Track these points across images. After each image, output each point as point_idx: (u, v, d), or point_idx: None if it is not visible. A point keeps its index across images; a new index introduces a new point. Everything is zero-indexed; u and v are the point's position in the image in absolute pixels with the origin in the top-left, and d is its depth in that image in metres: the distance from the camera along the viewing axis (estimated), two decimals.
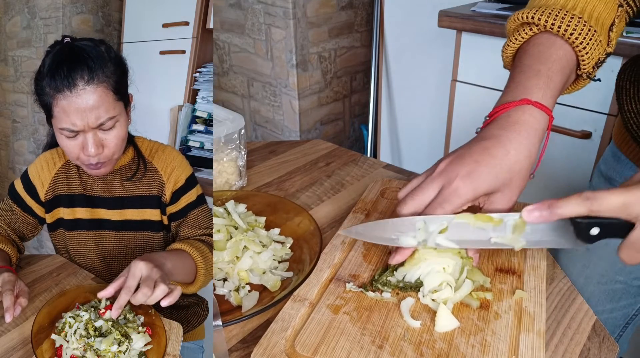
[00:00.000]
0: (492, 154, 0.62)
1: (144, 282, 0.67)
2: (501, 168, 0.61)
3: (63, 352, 0.67)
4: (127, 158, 0.92)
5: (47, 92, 0.79)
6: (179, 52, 2.06)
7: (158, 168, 0.93)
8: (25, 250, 0.95)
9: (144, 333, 0.71)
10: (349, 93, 2.44)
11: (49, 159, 0.94)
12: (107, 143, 0.83)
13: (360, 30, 2.33)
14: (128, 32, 2.27)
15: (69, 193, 0.93)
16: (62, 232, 0.95)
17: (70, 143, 0.82)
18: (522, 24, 0.69)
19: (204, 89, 2.05)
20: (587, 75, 0.69)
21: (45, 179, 0.93)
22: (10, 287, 0.75)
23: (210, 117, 2.01)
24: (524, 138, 0.62)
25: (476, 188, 0.62)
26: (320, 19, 2.16)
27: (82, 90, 0.78)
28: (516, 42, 0.69)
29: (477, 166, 0.62)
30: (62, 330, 0.69)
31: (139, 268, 0.68)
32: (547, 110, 0.64)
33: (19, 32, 2.45)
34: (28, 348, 0.68)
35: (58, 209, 0.94)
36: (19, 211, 0.94)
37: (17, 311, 0.73)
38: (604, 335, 0.63)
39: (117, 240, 0.95)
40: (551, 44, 0.66)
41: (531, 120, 0.63)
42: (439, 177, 0.64)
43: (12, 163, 2.75)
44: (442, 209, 0.62)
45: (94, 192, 0.93)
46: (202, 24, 2.02)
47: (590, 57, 0.66)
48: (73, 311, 0.72)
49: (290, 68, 2.16)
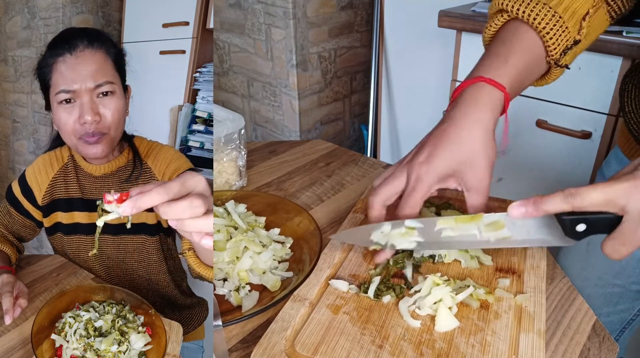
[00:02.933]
0: (447, 135, 0.64)
1: (199, 196, 0.48)
2: (459, 147, 0.64)
3: (63, 352, 0.67)
4: (124, 159, 0.91)
5: (48, 62, 0.81)
6: (179, 52, 2.06)
7: (153, 167, 0.91)
8: (25, 250, 0.95)
9: (144, 333, 0.71)
10: (349, 93, 2.44)
11: (47, 162, 0.92)
12: (105, 113, 0.81)
13: (360, 30, 2.33)
14: (128, 32, 2.27)
15: (67, 197, 0.92)
16: (60, 236, 0.94)
17: (66, 113, 0.80)
18: (498, 11, 0.71)
19: (204, 89, 2.05)
20: (555, 62, 0.69)
21: (42, 183, 0.91)
22: (10, 289, 0.74)
23: (210, 117, 2.01)
24: (475, 113, 0.64)
25: (437, 172, 0.64)
26: (320, 19, 2.16)
27: (81, 52, 0.80)
28: (491, 28, 0.72)
29: (434, 149, 0.65)
30: (62, 330, 0.69)
31: (195, 180, 0.49)
32: (500, 86, 0.65)
33: (19, 32, 2.45)
34: (28, 348, 0.68)
35: (56, 214, 0.93)
36: (16, 214, 0.93)
37: (16, 313, 0.73)
38: (604, 335, 0.63)
39: (116, 244, 0.94)
40: (516, 29, 0.68)
41: (483, 96, 0.65)
42: (405, 166, 0.67)
43: (12, 163, 2.75)
44: (412, 198, 0.65)
45: (91, 195, 0.92)
46: (202, 24, 2.03)
47: (555, 43, 0.67)
48: (73, 312, 0.72)
49: (290, 68, 2.16)
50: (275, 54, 2.19)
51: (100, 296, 0.78)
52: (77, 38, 0.81)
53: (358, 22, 2.31)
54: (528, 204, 0.58)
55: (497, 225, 0.62)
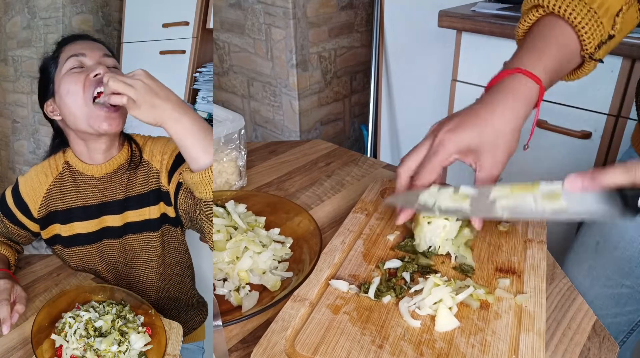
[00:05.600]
0: (477, 114, 0.67)
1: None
2: (485, 126, 0.66)
3: (63, 352, 0.67)
4: (124, 156, 0.89)
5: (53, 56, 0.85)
6: (179, 52, 2.06)
7: (149, 159, 0.90)
8: (25, 250, 0.95)
9: (144, 333, 0.71)
10: (349, 93, 2.44)
11: (40, 174, 0.89)
12: None
13: (360, 30, 2.33)
14: (128, 32, 2.27)
15: (65, 208, 0.89)
16: (60, 248, 0.92)
17: (74, 80, 0.80)
18: (533, 7, 0.73)
19: (204, 89, 2.05)
20: (589, 56, 0.72)
21: (37, 195, 0.88)
22: (6, 296, 0.73)
23: (210, 117, 2.01)
24: (510, 101, 0.67)
25: (459, 141, 0.67)
26: (320, 19, 2.16)
27: (84, 41, 0.86)
28: (525, 23, 0.75)
29: (461, 122, 0.67)
30: (62, 330, 0.69)
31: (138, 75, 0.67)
32: (536, 79, 0.68)
33: (19, 32, 2.45)
34: (28, 348, 0.68)
35: (53, 226, 0.90)
36: (10, 225, 0.91)
37: (14, 319, 0.72)
38: (604, 335, 0.63)
39: (122, 247, 0.92)
40: (553, 25, 0.71)
41: (520, 87, 0.67)
42: (430, 135, 0.70)
43: (12, 163, 2.75)
44: (431, 162, 0.68)
45: (94, 200, 0.89)
46: (202, 24, 2.03)
47: (590, 38, 0.70)
48: (73, 312, 0.72)
49: (290, 68, 2.16)
50: (275, 54, 2.19)
51: (100, 296, 0.78)
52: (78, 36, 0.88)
53: (358, 22, 2.31)
54: (585, 178, 0.57)
55: (554, 196, 0.60)
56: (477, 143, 0.66)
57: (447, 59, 1.82)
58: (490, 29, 1.49)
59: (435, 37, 1.95)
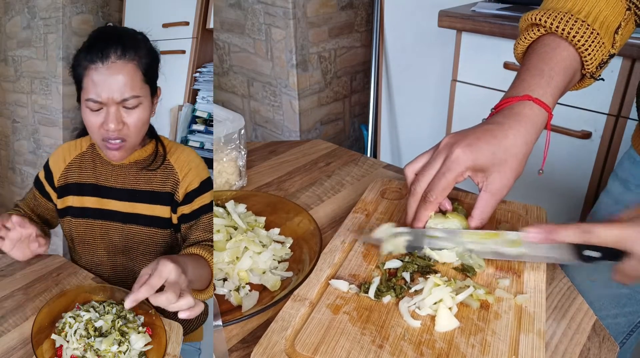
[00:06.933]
0: (492, 134, 0.68)
1: (171, 287, 0.63)
2: (499, 147, 0.67)
3: (63, 352, 0.67)
4: (147, 151, 0.93)
5: (82, 64, 0.84)
6: (179, 52, 2.06)
7: (175, 165, 0.92)
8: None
9: (144, 333, 0.71)
10: (349, 93, 2.44)
11: (66, 149, 0.98)
12: (128, 122, 0.85)
13: (360, 30, 2.33)
14: None
15: (80, 182, 0.95)
16: (69, 219, 0.97)
17: (93, 117, 0.84)
18: (532, 24, 0.73)
19: (204, 89, 2.05)
20: (590, 75, 0.73)
21: (60, 166, 0.97)
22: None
23: (210, 117, 2.01)
24: (522, 127, 0.68)
25: (475, 159, 0.67)
26: (320, 19, 2.16)
27: (113, 63, 0.82)
28: (525, 41, 0.75)
29: (477, 140, 0.67)
30: (62, 330, 0.69)
31: (167, 270, 0.64)
32: (547, 107, 0.69)
33: (19, 32, 2.45)
34: (28, 348, 0.68)
35: (68, 197, 0.96)
36: (40, 197, 0.98)
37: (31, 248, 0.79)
38: (604, 335, 0.63)
39: (124, 233, 0.95)
40: (556, 46, 0.71)
41: (531, 114, 0.68)
42: (444, 149, 0.69)
43: (12, 163, 2.75)
44: (445, 178, 0.67)
45: (106, 182, 0.94)
46: (202, 24, 2.03)
47: (592, 59, 0.71)
48: (73, 312, 0.72)
49: (290, 68, 2.16)
50: (275, 54, 2.20)
51: (101, 297, 0.78)
52: (111, 47, 0.83)
53: (358, 22, 2.31)
54: (543, 233, 0.61)
55: (515, 243, 0.68)
56: (490, 162, 0.67)
57: (447, 59, 1.82)
58: (490, 29, 1.49)
59: (435, 37, 1.95)
